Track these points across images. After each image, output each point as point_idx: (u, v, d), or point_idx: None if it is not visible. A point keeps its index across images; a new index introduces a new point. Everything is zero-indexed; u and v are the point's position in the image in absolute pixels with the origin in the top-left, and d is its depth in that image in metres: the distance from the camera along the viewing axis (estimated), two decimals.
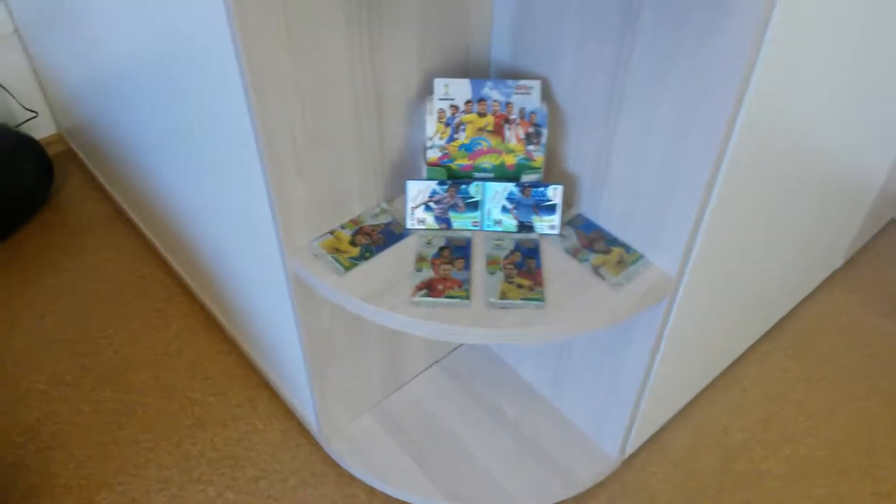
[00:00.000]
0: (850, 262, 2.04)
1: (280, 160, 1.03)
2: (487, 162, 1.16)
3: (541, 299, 1.08)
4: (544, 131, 1.13)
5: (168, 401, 1.66)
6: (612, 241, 1.18)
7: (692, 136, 0.97)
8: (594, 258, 1.15)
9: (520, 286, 1.10)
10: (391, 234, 1.19)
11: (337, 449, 1.50)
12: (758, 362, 1.77)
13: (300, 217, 1.12)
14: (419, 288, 1.10)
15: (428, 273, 1.12)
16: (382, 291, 1.10)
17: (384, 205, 1.24)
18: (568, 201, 1.25)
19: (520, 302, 1.08)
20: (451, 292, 1.09)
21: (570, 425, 1.53)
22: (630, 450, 1.50)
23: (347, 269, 1.12)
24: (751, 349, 1.81)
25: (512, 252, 1.16)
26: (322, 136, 1.06)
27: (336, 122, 1.07)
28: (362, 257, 1.14)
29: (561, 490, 1.44)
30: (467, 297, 1.08)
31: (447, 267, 1.13)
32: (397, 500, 1.46)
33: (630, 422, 1.40)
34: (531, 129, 1.13)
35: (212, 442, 1.58)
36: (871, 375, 1.75)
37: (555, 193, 1.16)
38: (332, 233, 1.18)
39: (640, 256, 1.15)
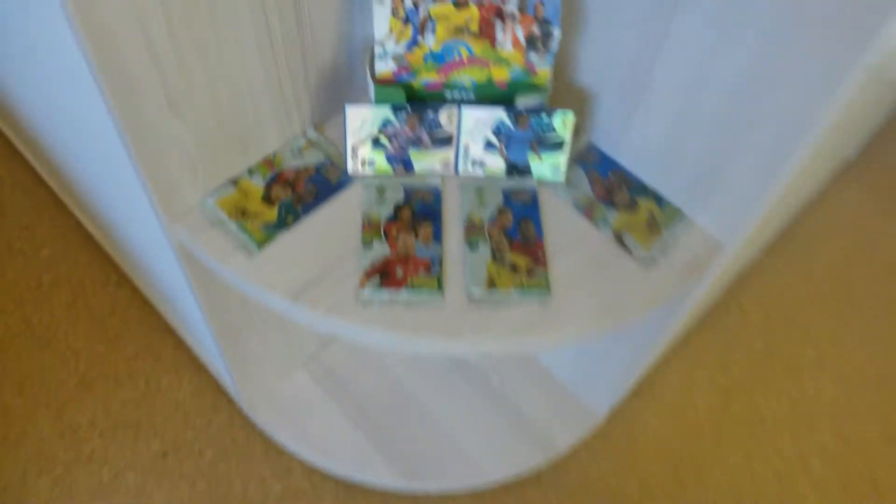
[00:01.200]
0: (863, 155, 1.76)
1: (129, 74, 0.62)
2: (466, 77, 0.77)
3: (545, 289, 0.75)
4: (556, 31, 0.74)
5: (44, 352, 1.31)
6: (639, 189, 0.83)
7: (806, 57, 0.61)
8: (615, 218, 0.81)
9: (514, 268, 0.76)
10: (324, 182, 0.81)
11: (263, 415, 1.20)
12: (758, 278, 1.52)
13: (180, 162, 0.72)
14: (368, 274, 0.74)
15: (381, 249, 0.76)
16: (314, 280, 0.74)
17: (312, 133, 0.85)
18: (578, 128, 0.88)
19: (515, 294, 0.74)
20: (416, 281, 0.74)
21: (549, 379, 1.26)
22: (616, 400, 1.25)
23: (261, 243, 0.75)
24: (751, 263, 1.55)
25: (501, 209, 0.80)
26: (203, 33, 0.65)
27: (226, 8, 0.65)
28: (282, 223, 0.77)
29: (537, 455, 1.20)
30: (439, 289, 0.74)
31: (408, 237, 0.77)
32: (341, 477, 1.20)
33: (625, 380, 1.13)
34: (535, 29, 0.73)
35: (104, 406, 1.26)
36: (883, 292, 1.53)
37: (564, 124, 0.79)
38: (234, 182, 0.79)
39: (679, 214, 0.82)
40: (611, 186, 0.83)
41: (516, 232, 0.79)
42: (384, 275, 0.74)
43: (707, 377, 1.38)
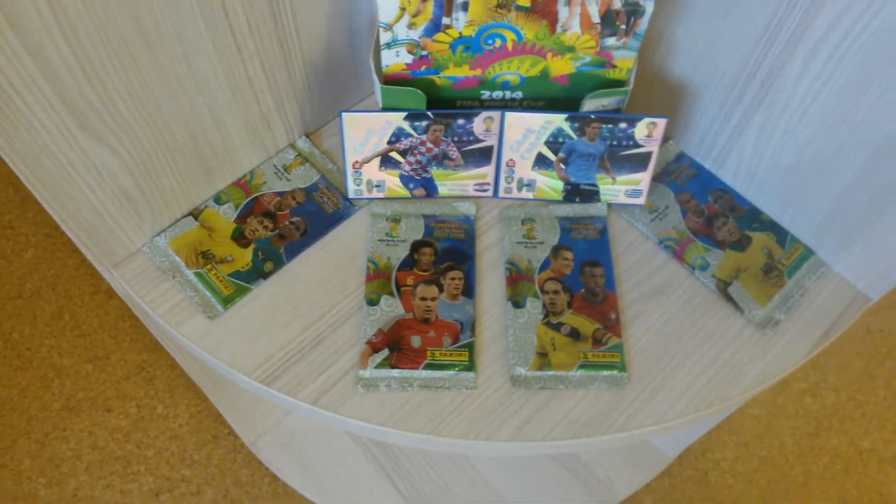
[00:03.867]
0: None
1: (5, 84, 0.41)
2: (512, 73, 0.55)
3: (619, 366, 0.53)
4: (647, 5, 0.50)
5: (24, 372, 1.15)
6: (753, 220, 0.60)
7: None
8: (719, 260, 0.58)
9: (575, 335, 0.54)
10: (316, 213, 0.60)
11: (268, 452, 1.02)
12: None
13: (110, 195, 0.52)
14: (374, 346, 0.54)
15: (391, 308, 0.55)
16: (299, 353, 0.54)
17: (303, 144, 0.63)
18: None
19: (579, 374, 0.53)
20: (439, 355, 0.53)
21: None
22: (692, 442, 1.04)
23: (227, 301, 0.55)
24: None
25: (557, 250, 0.58)
26: (119, 22, 0.43)
27: None
28: (258, 271, 0.57)
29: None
30: (471, 369, 0.53)
31: (430, 291, 0.56)
32: None
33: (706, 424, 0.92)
34: (616, 1, 0.50)
35: (91, 435, 1.09)
36: None
37: (651, 134, 0.56)
38: (196, 215, 0.59)
39: (809, 255, 0.59)
40: (712, 215, 0.60)
41: (579, 282, 0.57)
42: (395, 346, 0.54)
43: (795, 404, 1.15)
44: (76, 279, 1.22)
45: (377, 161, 0.58)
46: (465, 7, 0.49)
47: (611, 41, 0.52)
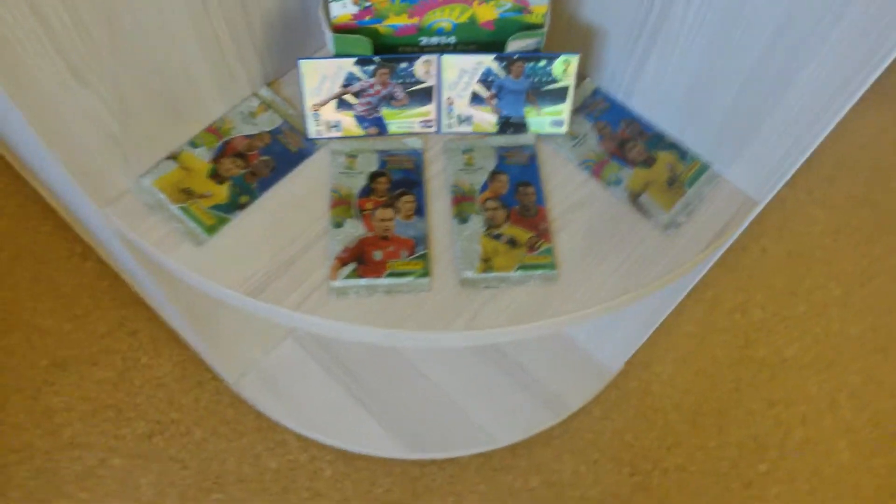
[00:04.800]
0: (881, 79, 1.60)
1: (9, 37, 0.49)
2: (444, 20, 0.63)
3: (550, 265, 0.63)
4: None
5: (9, 335, 1.21)
6: (658, 141, 0.71)
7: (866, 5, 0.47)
8: (630, 176, 0.69)
9: (513, 243, 0.64)
10: (282, 152, 0.68)
11: (251, 389, 1.11)
12: (778, 211, 1.41)
13: (99, 138, 0.60)
14: (342, 261, 0.63)
15: (354, 229, 0.65)
16: (278, 271, 0.63)
17: (265, 93, 0.72)
18: (579, 72, 0.74)
19: (516, 274, 0.63)
20: (398, 265, 0.63)
21: (558, 337, 1.17)
22: (630, 355, 1.16)
23: (211, 229, 0.64)
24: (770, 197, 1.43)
25: (494, 174, 0.68)
26: None
27: None
28: (235, 204, 0.65)
29: (547, 416, 1.12)
30: (426, 275, 0.63)
31: (387, 213, 0.65)
32: (338, 448, 1.12)
33: (640, 336, 1.04)
34: None
35: (80, 388, 1.17)
36: None
37: (566, 70, 0.65)
38: (175, 158, 0.67)
39: (705, 168, 0.70)
40: (623, 139, 0.70)
41: (514, 199, 0.67)
42: (360, 260, 0.63)
43: (725, 321, 1.28)
44: (51, 244, 1.29)
45: (333, 104, 0.67)
46: None
47: None
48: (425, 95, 0.67)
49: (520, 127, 0.70)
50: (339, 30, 0.63)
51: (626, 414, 1.18)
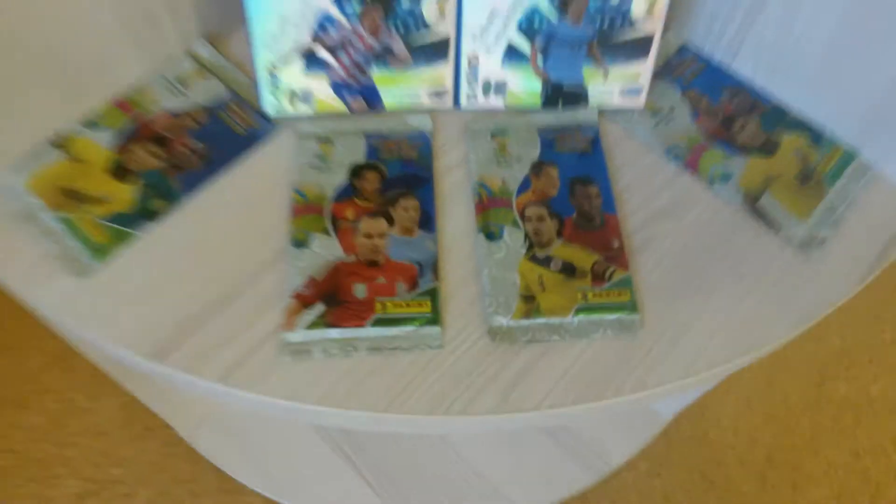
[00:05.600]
0: None
1: None
2: None
3: (628, 306, 0.40)
4: None
5: None
6: (777, 118, 0.48)
7: None
8: (741, 168, 0.46)
9: (569, 270, 0.42)
10: (225, 135, 0.46)
11: (210, 441, 0.89)
12: None
13: None
14: (303, 301, 0.40)
15: (325, 248, 0.42)
16: (199, 319, 0.40)
17: (203, 50, 0.49)
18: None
19: (577, 321, 0.40)
20: (392, 307, 0.40)
21: None
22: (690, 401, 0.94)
23: (100, 251, 0.41)
24: None
25: (538, 167, 0.45)
26: None
27: None
28: (144, 212, 0.42)
29: (585, 475, 0.89)
30: (435, 321, 0.40)
31: (377, 225, 0.43)
32: None
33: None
34: None
35: (4, 437, 0.95)
36: None
37: (651, 9, 0.43)
38: (61, 144, 0.44)
39: (851, 156, 0.47)
40: (728, 115, 0.48)
41: (568, 204, 0.44)
42: (332, 299, 0.40)
43: (796, 353, 1.05)
44: None
45: (300, 63, 0.44)
46: None
47: None
48: (437, 51, 0.44)
49: (576, 97, 0.47)
50: None
51: (679, 470, 0.96)
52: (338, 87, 0.46)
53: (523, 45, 0.45)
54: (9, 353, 1.00)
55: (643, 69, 0.46)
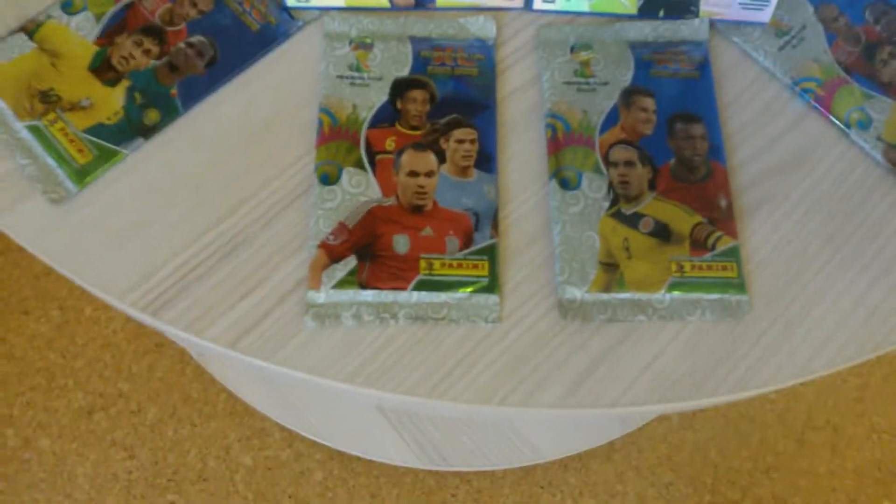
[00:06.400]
0: None
1: None
2: None
3: (735, 283, 0.32)
4: None
5: None
6: None
7: None
8: (886, 115, 0.36)
9: (663, 234, 0.33)
10: (235, 30, 0.36)
11: (220, 365, 0.83)
12: None
13: None
14: (332, 253, 0.32)
15: (360, 189, 0.33)
16: (198, 268, 0.32)
17: None
18: None
19: (670, 298, 0.32)
20: (440, 267, 0.32)
21: None
22: None
23: (81, 174, 0.32)
24: None
25: (629, 95, 0.36)
26: None
27: None
28: (135, 125, 0.34)
29: (612, 427, 0.84)
30: (493, 289, 0.32)
31: (423, 160, 0.34)
32: (331, 447, 0.86)
33: None
34: None
35: (6, 344, 0.91)
36: None
37: None
38: (31, 30, 0.35)
39: None
40: (872, 41, 0.38)
41: (665, 148, 0.35)
42: (368, 252, 0.32)
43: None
44: None
45: None
46: None
47: None
48: None
49: (683, 4, 0.37)
50: None
51: (714, 423, 0.90)
52: None
53: None
54: (7, 254, 0.94)
55: None
